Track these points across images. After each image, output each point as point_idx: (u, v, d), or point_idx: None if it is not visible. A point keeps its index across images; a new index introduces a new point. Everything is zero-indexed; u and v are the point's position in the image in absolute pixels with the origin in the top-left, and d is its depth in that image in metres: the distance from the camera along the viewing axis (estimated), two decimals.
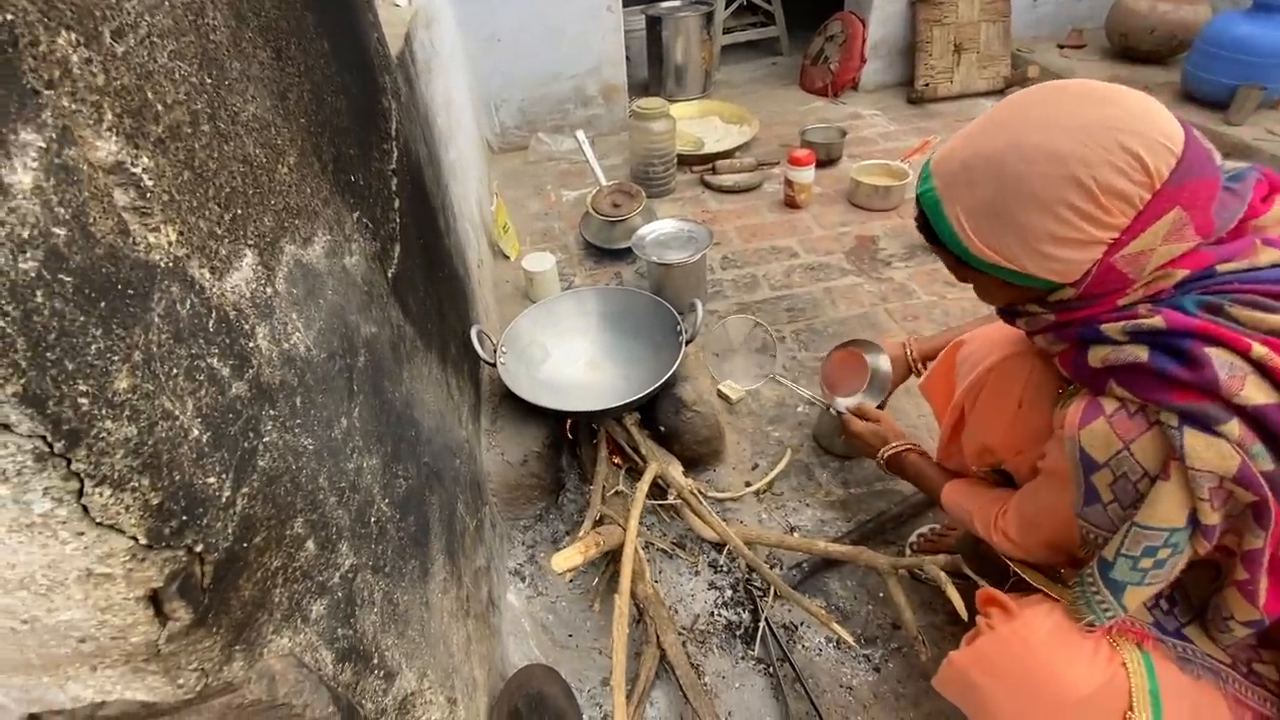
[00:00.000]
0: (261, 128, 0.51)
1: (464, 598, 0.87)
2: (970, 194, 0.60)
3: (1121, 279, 0.57)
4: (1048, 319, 0.64)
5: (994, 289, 0.67)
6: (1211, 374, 0.51)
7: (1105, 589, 0.62)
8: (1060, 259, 0.58)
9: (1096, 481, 0.60)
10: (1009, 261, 0.60)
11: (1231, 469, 0.52)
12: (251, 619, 0.44)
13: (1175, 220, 0.54)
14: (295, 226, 0.54)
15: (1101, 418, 0.58)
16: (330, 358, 0.55)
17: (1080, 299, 0.60)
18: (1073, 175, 0.54)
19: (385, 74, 0.98)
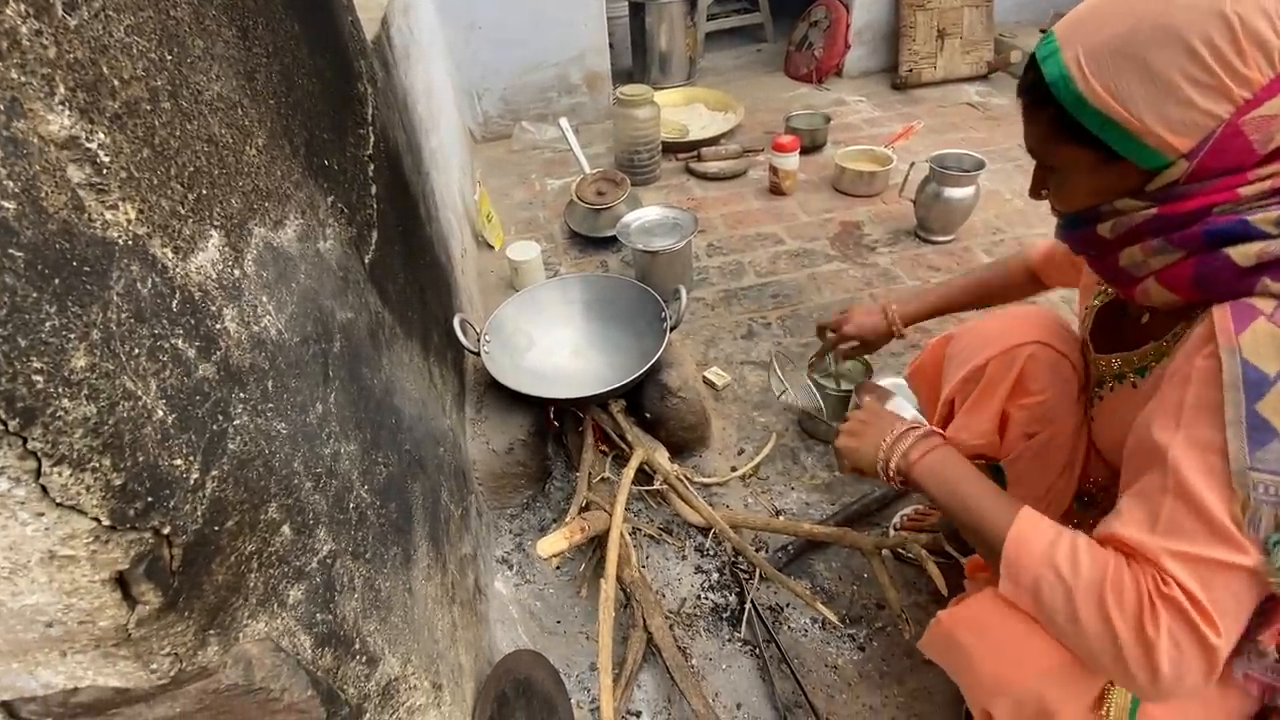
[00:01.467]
0: (227, 107, 0.50)
1: (449, 584, 0.87)
2: (1097, 31, 0.54)
3: (1245, 151, 0.51)
4: (1146, 214, 0.57)
5: (1084, 173, 0.59)
6: None
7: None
8: (1186, 110, 0.51)
9: (1265, 409, 0.48)
10: (1124, 107, 0.53)
11: None
12: (226, 603, 0.43)
13: None
14: (265, 209, 0.53)
15: (1261, 317, 0.50)
16: (304, 342, 0.54)
17: (1190, 180, 0.54)
18: (1219, 8, 0.49)
19: (361, 59, 0.97)
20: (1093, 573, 0.55)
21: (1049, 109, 0.58)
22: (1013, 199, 2.05)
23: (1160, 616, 0.51)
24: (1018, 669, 0.63)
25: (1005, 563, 0.61)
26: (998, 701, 0.65)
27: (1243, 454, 0.49)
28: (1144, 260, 0.59)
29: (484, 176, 2.41)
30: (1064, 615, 0.57)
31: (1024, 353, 0.84)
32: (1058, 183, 0.64)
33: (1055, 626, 0.59)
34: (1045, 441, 0.82)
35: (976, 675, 0.67)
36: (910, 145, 2.29)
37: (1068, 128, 0.57)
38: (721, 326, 1.71)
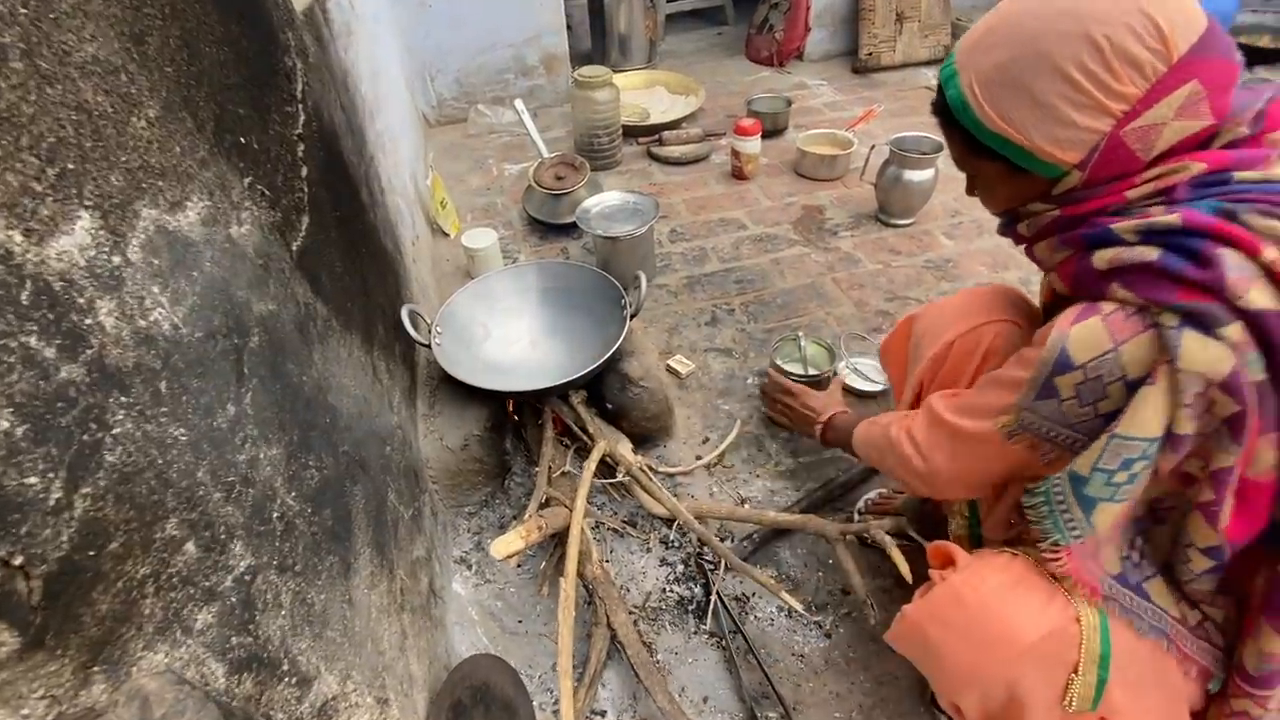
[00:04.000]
0: (106, 73, 0.44)
1: (397, 591, 0.82)
2: (986, 59, 0.59)
3: (1130, 158, 0.56)
4: (1051, 214, 0.63)
5: (998, 182, 0.66)
6: (1220, 273, 0.50)
7: (1077, 506, 0.59)
8: (1068, 129, 0.56)
9: (1061, 382, 0.58)
10: (1017, 132, 0.59)
11: (1223, 372, 0.51)
12: (113, 634, 0.38)
13: (1191, 94, 0.53)
14: (158, 189, 0.47)
15: (1097, 316, 0.56)
16: (208, 337, 0.49)
17: (1086, 186, 0.59)
18: (1087, 33, 0.53)
19: (288, 30, 0.90)
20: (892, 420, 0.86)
21: (959, 128, 0.64)
22: None
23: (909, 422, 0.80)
24: (985, 660, 0.62)
25: (855, 439, 0.97)
26: (967, 693, 0.64)
27: (1027, 398, 0.62)
28: (1049, 255, 0.67)
29: (438, 161, 2.33)
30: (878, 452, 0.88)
31: (989, 330, 0.84)
32: (980, 189, 0.72)
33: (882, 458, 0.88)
34: None
35: (944, 668, 0.67)
36: (871, 129, 2.28)
37: (976, 144, 0.63)
38: (685, 313, 1.68)
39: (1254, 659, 0.59)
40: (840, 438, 1.06)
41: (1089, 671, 0.60)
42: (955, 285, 1.70)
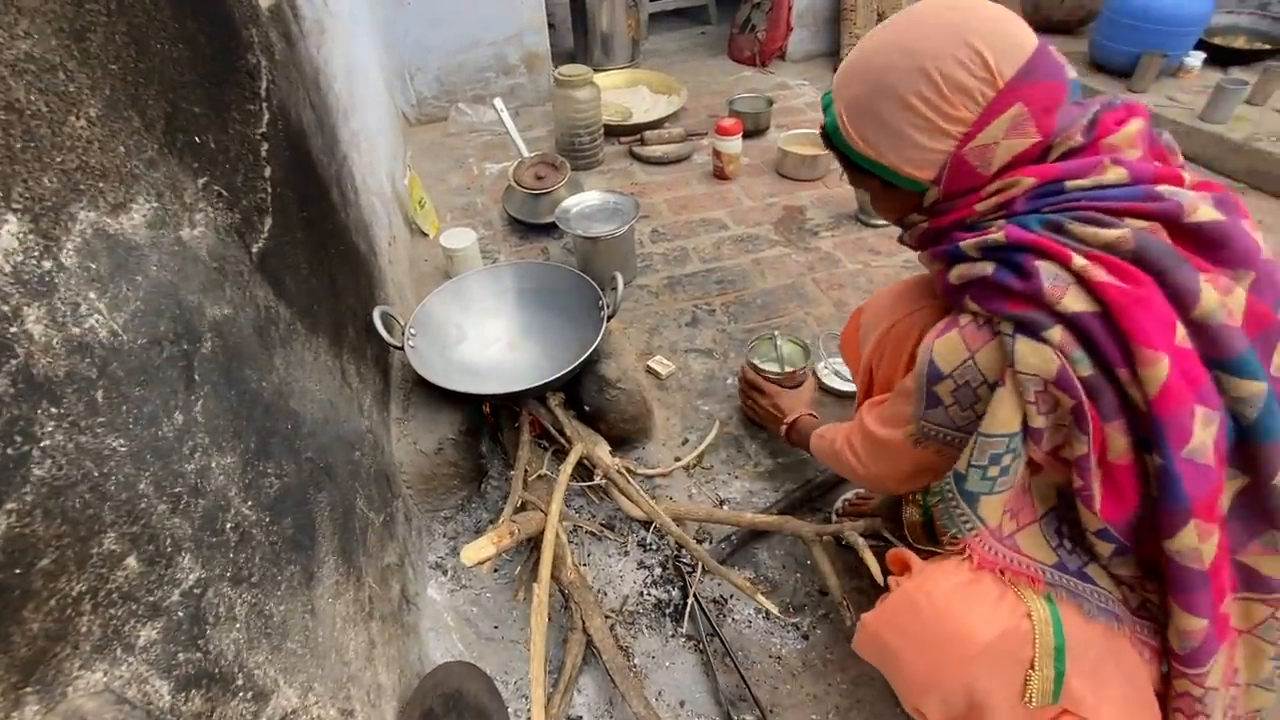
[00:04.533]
0: (41, 70, 0.43)
1: (365, 599, 0.81)
2: (848, 90, 0.67)
3: (973, 175, 0.62)
4: (924, 226, 0.69)
5: (880, 196, 0.73)
6: (1037, 283, 0.56)
7: (962, 501, 0.65)
8: (916, 150, 0.63)
9: (939, 390, 0.66)
10: (877, 154, 0.66)
11: (1052, 372, 0.56)
12: (46, 654, 0.37)
13: (1016, 116, 0.59)
14: (98, 190, 0.46)
15: (955, 329, 0.64)
16: (153, 344, 0.47)
17: (944, 199, 0.66)
18: (921, 67, 0.60)
19: (251, 26, 0.88)
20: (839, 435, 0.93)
21: (838, 151, 0.70)
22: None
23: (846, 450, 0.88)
24: (941, 665, 0.63)
25: (812, 444, 1.03)
26: (928, 699, 0.64)
27: (919, 409, 0.70)
28: (930, 265, 0.73)
29: (417, 161, 2.30)
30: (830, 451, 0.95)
31: (921, 316, 0.85)
32: (871, 202, 0.77)
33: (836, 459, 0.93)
34: None
35: (904, 675, 0.67)
36: None
37: (853, 164, 0.70)
38: (665, 314, 1.67)
39: (1176, 639, 0.61)
40: (802, 440, 1.11)
41: (1045, 666, 0.60)
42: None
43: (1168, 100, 2.22)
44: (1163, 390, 0.54)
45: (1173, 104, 2.20)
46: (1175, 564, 0.58)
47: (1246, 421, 0.56)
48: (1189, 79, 2.29)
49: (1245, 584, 0.62)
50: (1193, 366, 0.55)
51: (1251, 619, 0.63)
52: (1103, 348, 0.55)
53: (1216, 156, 2.05)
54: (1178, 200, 0.57)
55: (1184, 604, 0.59)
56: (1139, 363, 0.54)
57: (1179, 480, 0.55)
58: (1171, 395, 0.54)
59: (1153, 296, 0.54)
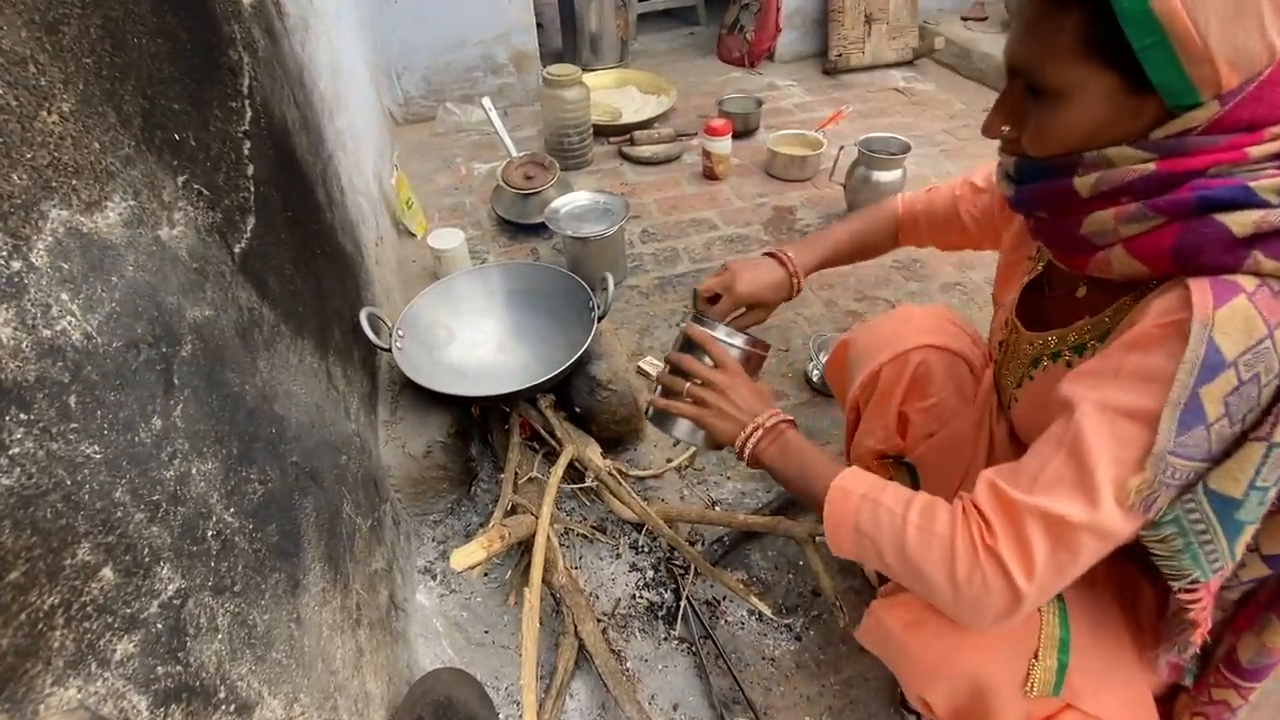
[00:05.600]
0: (11, 64, 0.41)
1: (353, 606, 0.79)
2: None
3: (1276, 105, 0.45)
4: (1144, 169, 0.49)
5: (1092, 106, 0.49)
6: None
7: (1221, 534, 0.48)
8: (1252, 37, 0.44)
9: (1206, 395, 0.45)
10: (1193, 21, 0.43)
11: None
12: (17, 671, 0.35)
13: None
14: (71, 188, 0.44)
15: (1242, 295, 0.45)
16: (129, 347, 0.46)
17: (1211, 130, 0.47)
18: None
19: (233, 22, 0.86)
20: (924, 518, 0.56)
21: (1079, 10, 0.46)
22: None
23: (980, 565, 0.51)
24: (951, 654, 0.62)
25: (828, 508, 0.61)
26: (934, 687, 0.64)
27: (1169, 435, 0.47)
28: (1114, 227, 0.51)
29: (404, 160, 2.27)
30: (891, 544, 0.56)
31: (915, 358, 0.84)
32: (1046, 116, 0.52)
33: (880, 558, 0.58)
34: (945, 440, 0.83)
35: (912, 663, 0.66)
36: (840, 129, 2.29)
37: (1097, 41, 0.46)
38: (656, 315, 1.66)
39: (1251, 651, 0.58)
40: (789, 465, 0.68)
41: (1049, 656, 0.59)
42: (923, 285, 1.71)
43: None
44: None
45: None
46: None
47: None
48: None
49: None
50: None
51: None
52: None
53: None
54: None
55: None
56: None
57: None
58: None
59: None
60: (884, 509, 0.58)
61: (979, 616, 0.53)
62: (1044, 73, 0.50)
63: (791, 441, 0.69)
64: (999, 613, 0.52)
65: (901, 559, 0.56)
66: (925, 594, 0.57)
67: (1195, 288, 0.47)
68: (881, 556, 0.58)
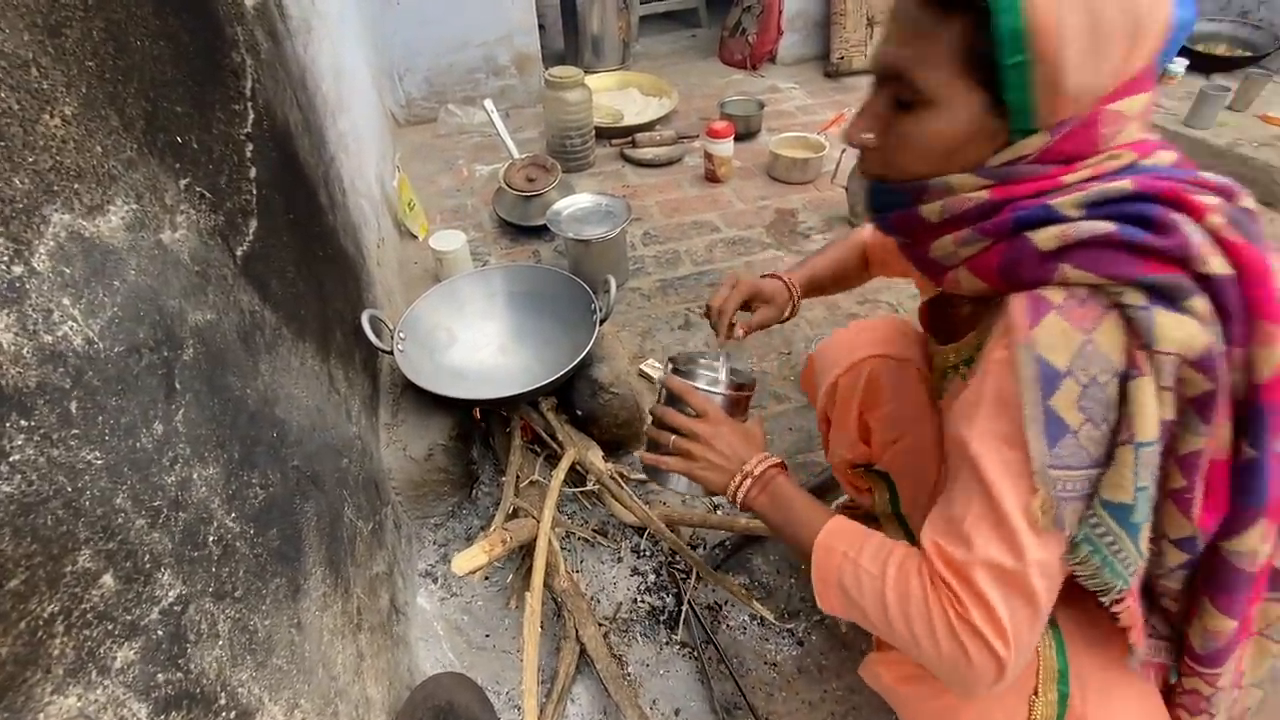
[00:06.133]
0: (13, 67, 0.41)
1: (353, 610, 0.79)
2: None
3: (1090, 142, 0.50)
4: (978, 197, 0.53)
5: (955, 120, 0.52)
6: (1183, 239, 0.46)
7: (1126, 538, 0.50)
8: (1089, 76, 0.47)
9: (1058, 404, 0.48)
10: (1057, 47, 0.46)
11: (1196, 348, 0.46)
12: (16, 680, 0.35)
13: (1148, 102, 0.51)
14: (73, 191, 0.44)
15: (1052, 310, 0.48)
16: (131, 351, 0.45)
17: (1038, 160, 0.51)
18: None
19: (236, 24, 0.86)
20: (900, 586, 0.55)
21: (963, 23, 0.48)
22: None
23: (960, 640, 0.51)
24: (951, 710, 0.61)
25: (814, 569, 0.61)
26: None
27: (1042, 451, 0.49)
28: (954, 250, 0.56)
29: (407, 162, 2.28)
30: (875, 611, 0.57)
31: (865, 368, 0.84)
32: (911, 127, 0.54)
33: (868, 621, 0.58)
34: (909, 445, 0.82)
35: (914, 715, 0.66)
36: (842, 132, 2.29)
37: (973, 55, 0.49)
38: (658, 317, 1.66)
39: (1200, 638, 0.58)
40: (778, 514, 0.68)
41: (1049, 690, 0.59)
42: None
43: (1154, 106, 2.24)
44: (1276, 373, 0.47)
45: (1156, 109, 2.23)
46: (1228, 565, 0.53)
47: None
48: (1171, 85, 2.32)
49: (1271, 585, 0.59)
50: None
51: (1267, 619, 0.61)
52: (1233, 322, 0.47)
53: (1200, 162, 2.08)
54: (1228, 181, 0.51)
55: (1221, 605, 0.54)
56: (1260, 340, 0.47)
57: (1264, 475, 0.49)
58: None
59: (1269, 266, 0.47)
60: (864, 572, 0.58)
61: (975, 690, 0.53)
62: (917, 81, 0.52)
63: (780, 490, 0.68)
64: (991, 682, 0.52)
65: (889, 630, 0.56)
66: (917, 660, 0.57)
67: (1013, 310, 0.50)
68: (868, 619, 0.58)
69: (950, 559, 0.53)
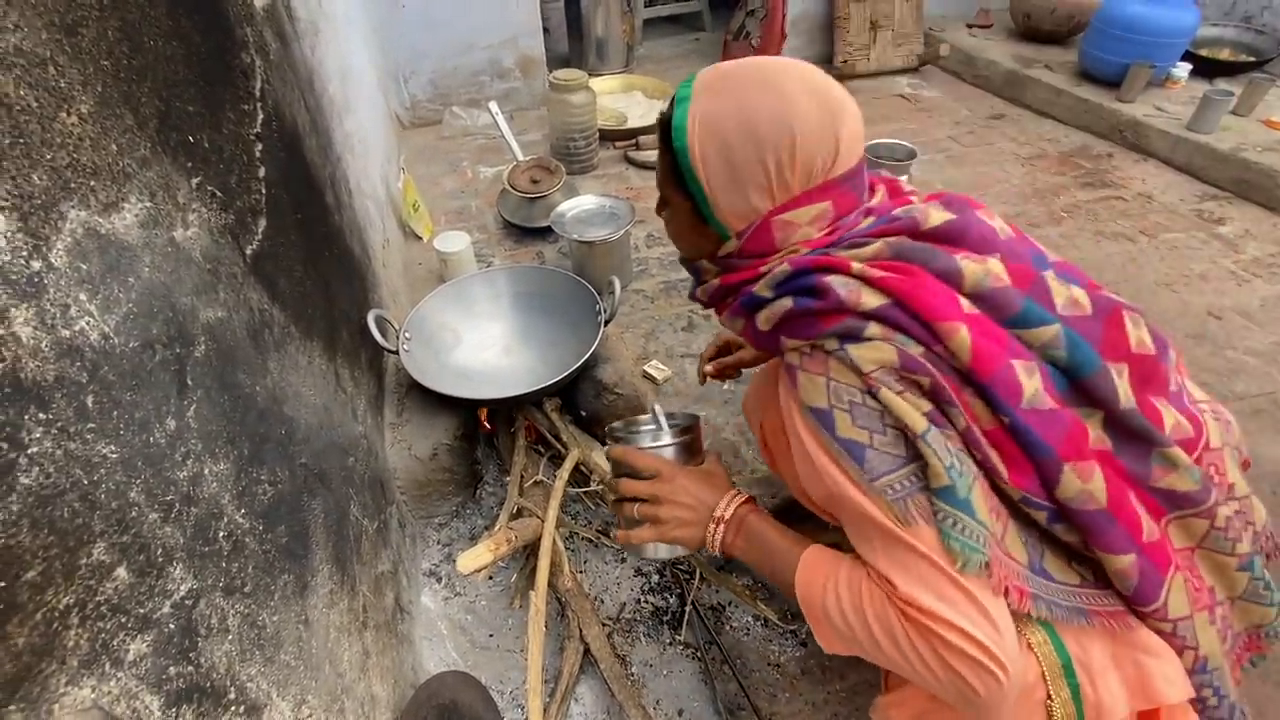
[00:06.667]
0: (31, 65, 0.41)
1: (359, 608, 0.79)
2: (715, 100, 0.62)
3: (770, 242, 0.64)
4: (715, 283, 0.69)
5: (684, 221, 0.69)
6: (836, 294, 0.59)
7: (961, 513, 0.56)
8: (741, 200, 0.63)
9: (844, 432, 0.58)
10: (707, 179, 0.63)
11: (894, 359, 0.57)
12: (32, 670, 0.35)
13: (823, 211, 0.63)
14: (89, 189, 0.44)
15: (798, 371, 0.62)
16: (145, 347, 0.46)
17: (739, 256, 0.66)
18: (791, 131, 0.59)
19: (246, 26, 0.86)
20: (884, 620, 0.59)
21: (669, 153, 0.65)
22: (943, 189, 2.09)
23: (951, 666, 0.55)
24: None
25: (803, 607, 0.65)
26: None
27: (858, 470, 0.58)
28: (731, 324, 0.71)
29: (411, 164, 2.29)
30: (870, 648, 0.60)
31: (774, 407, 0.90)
32: (671, 221, 0.72)
33: (869, 656, 0.61)
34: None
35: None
36: None
37: (677, 175, 0.65)
38: (662, 319, 1.66)
39: (1117, 581, 0.60)
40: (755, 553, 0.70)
41: (1059, 689, 0.59)
42: None
43: (1155, 110, 2.25)
44: (974, 353, 0.56)
45: (1160, 114, 2.23)
46: (1074, 511, 0.58)
47: (1063, 363, 0.59)
48: (1175, 89, 2.32)
49: (1172, 504, 0.62)
50: (990, 328, 0.58)
51: (1195, 535, 0.63)
52: (912, 331, 0.58)
53: (1203, 166, 2.08)
54: (912, 215, 0.63)
55: (1103, 546, 0.58)
56: (942, 336, 0.57)
57: (1031, 431, 0.57)
58: (984, 356, 0.56)
59: (926, 279, 0.59)
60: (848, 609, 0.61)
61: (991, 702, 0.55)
62: (661, 187, 0.71)
63: (753, 528, 0.70)
64: (999, 688, 0.54)
65: (890, 662, 0.59)
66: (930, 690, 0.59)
67: (782, 380, 0.65)
68: (866, 652, 0.61)
69: (897, 593, 0.57)
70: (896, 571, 0.57)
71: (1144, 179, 2.13)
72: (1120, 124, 2.28)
